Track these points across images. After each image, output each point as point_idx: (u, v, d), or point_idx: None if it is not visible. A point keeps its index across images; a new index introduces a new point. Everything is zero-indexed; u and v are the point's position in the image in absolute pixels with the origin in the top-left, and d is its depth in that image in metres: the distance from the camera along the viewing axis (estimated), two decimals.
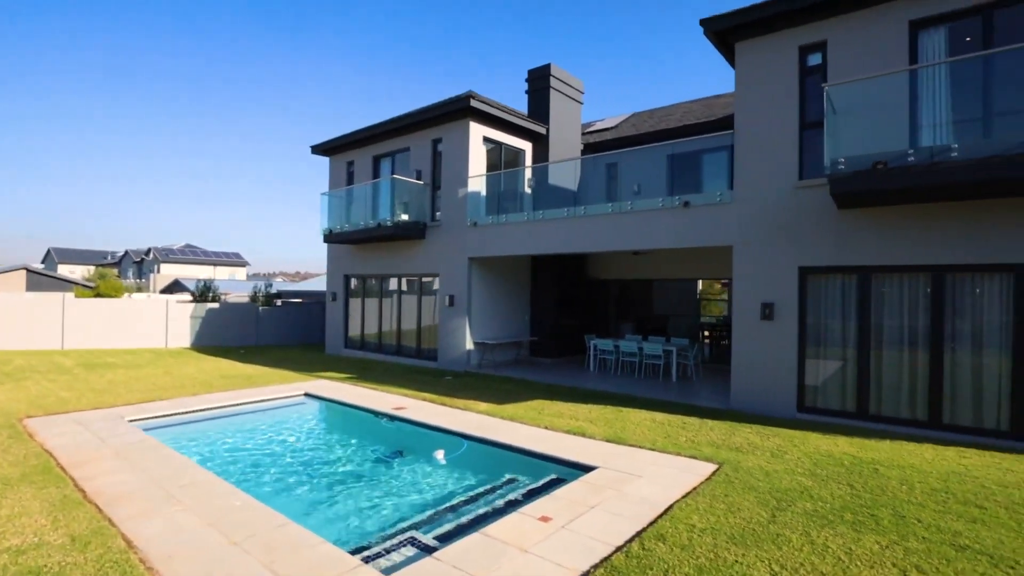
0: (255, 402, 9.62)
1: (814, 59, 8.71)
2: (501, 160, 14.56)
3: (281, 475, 6.49)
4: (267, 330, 19.88)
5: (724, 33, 9.35)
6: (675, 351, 11.90)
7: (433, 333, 14.42)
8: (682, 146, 11.02)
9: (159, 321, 17.56)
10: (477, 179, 13.60)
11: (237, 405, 9.36)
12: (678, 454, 6.60)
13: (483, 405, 9.25)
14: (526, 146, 15.22)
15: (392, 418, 8.54)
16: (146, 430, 7.69)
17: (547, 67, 15.02)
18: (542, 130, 14.98)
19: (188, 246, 53.58)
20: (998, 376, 7.19)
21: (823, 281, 8.52)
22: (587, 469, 6.08)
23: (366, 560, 4.13)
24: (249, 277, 45.64)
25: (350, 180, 16.94)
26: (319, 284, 31.67)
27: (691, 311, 21.89)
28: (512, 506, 5.35)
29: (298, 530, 4.45)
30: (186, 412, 8.76)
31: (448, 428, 7.74)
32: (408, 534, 4.68)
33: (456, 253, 13.65)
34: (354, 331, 16.80)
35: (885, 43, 7.98)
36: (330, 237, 15.70)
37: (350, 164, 16.97)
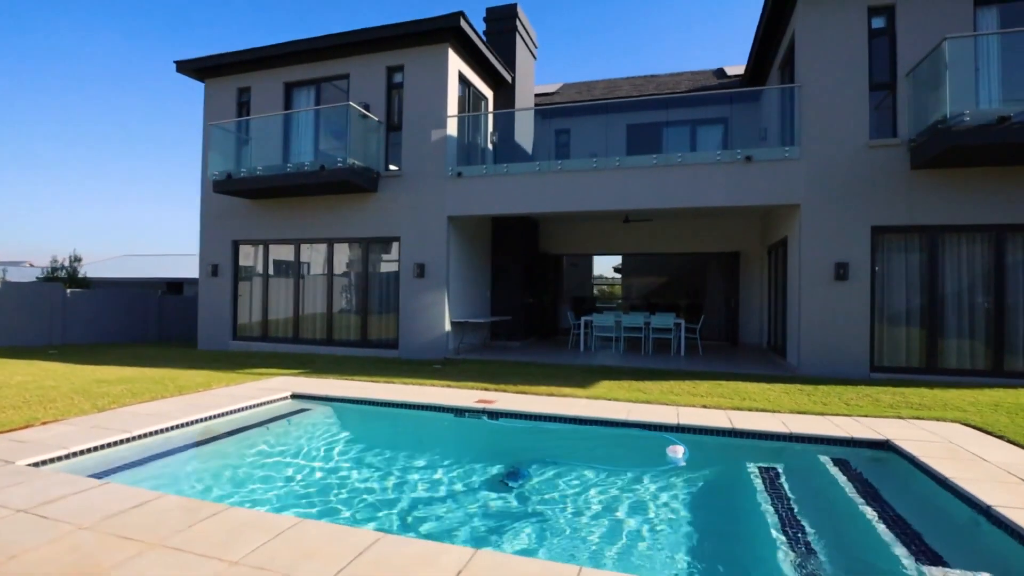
0: (231, 412, 5.97)
1: (878, 22, 8.77)
2: (468, 106, 12.19)
3: (474, 523, 3.79)
4: (79, 323, 13.74)
5: None
6: (683, 325, 11.25)
7: (388, 314, 11.38)
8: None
9: None
10: (453, 121, 11.08)
11: (211, 419, 5.68)
12: (906, 418, 5.75)
13: (569, 390, 7.23)
14: (489, 94, 13.08)
15: (493, 415, 6.01)
16: (103, 476, 4.00)
17: (513, 7, 13.10)
18: (509, 77, 13.02)
19: None
20: None
21: (894, 240, 8.63)
22: (873, 444, 4.86)
23: None
24: None
25: (241, 113, 12.54)
26: (115, 268, 23.97)
27: (589, 292, 21.96)
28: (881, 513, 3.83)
29: None
30: (138, 436, 4.91)
31: (616, 419, 5.64)
32: None
33: (428, 211, 10.91)
34: (250, 317, 12.49)
35: (950, 14, 8.33)
36: (226, 185, 11.30)
37: (243, 92, 12.55)
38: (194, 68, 12.61)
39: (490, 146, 12.59)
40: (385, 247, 11.45)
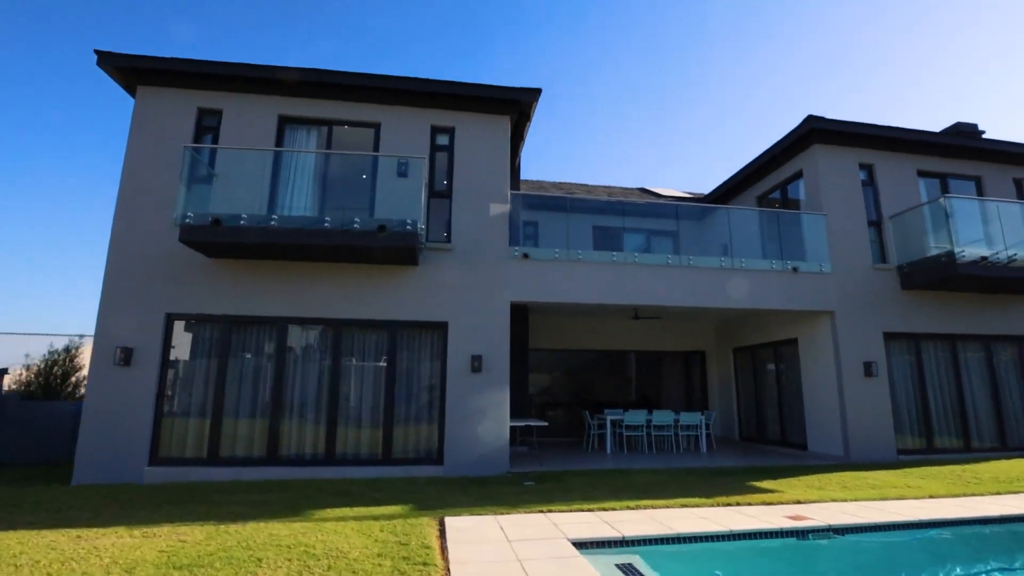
0: None
1: (863, 175, 11.34)
2: None
3: None
4: None
5: (810, 134, 10.98)
6: (704, 422, 11.54)
7: (422, 420, 8.88)
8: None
9: None
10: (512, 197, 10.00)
11: None
12: None
13: (768, 497, 6.64)
14: None
15: (839, 531, 5.06)
16: None
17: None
18: (518, 161, 12.49)
19: None
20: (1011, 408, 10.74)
21: (898, 343, 10.63)
22: None
23: None
24: None
25: (200, 139, 9.09)
26: None
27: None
28: None
29: None
30: None
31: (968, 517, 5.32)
32: None
33: (487, 293, 9.27)
34: (186, 429, 8.24)
35: (904, 179, 11.33)
36: (209, 234, 7.72)
37: (207, 114, 9.18)
38: (122, 67, 8.82)
39: None
40: (422, 334, 9.16)
